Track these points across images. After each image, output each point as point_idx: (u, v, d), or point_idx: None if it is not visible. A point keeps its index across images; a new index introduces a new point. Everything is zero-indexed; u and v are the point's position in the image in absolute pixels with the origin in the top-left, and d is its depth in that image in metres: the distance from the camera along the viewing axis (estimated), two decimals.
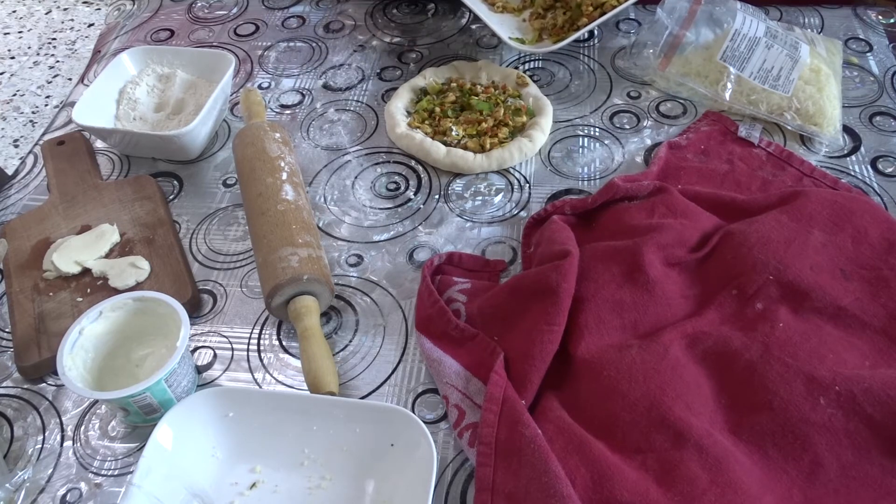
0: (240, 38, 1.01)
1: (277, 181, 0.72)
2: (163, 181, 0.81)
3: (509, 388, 0.56)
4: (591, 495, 0.51)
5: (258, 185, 0.72)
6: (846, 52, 0.88)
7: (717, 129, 0.80)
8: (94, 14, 2.68)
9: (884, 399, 0.53)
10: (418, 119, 0.82)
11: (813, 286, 0.61)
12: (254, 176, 0.73)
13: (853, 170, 0.76)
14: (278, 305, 0.64)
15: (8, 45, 2.56)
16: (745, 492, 0.50)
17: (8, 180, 0.84)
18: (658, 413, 0.54)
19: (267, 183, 0.72)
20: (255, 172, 0.73)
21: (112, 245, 0.73)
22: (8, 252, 0.73)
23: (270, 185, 0.71)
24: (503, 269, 0.70)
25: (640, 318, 0.61)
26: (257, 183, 0.72)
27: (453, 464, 0.57)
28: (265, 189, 0.71)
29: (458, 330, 0.62)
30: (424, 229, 0.74)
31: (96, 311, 0.60)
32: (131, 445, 0.60)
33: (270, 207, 0.69)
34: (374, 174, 0.80)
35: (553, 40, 0.88)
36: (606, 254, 0.65)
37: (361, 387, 0.62)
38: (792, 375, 0.55)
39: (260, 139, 0.76)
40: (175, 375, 0.57)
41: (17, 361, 0.64)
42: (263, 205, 0.70)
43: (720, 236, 0.66)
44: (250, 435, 0.57)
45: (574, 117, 0.84)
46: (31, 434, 0.61)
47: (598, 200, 0.71)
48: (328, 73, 0.94)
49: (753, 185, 0.74)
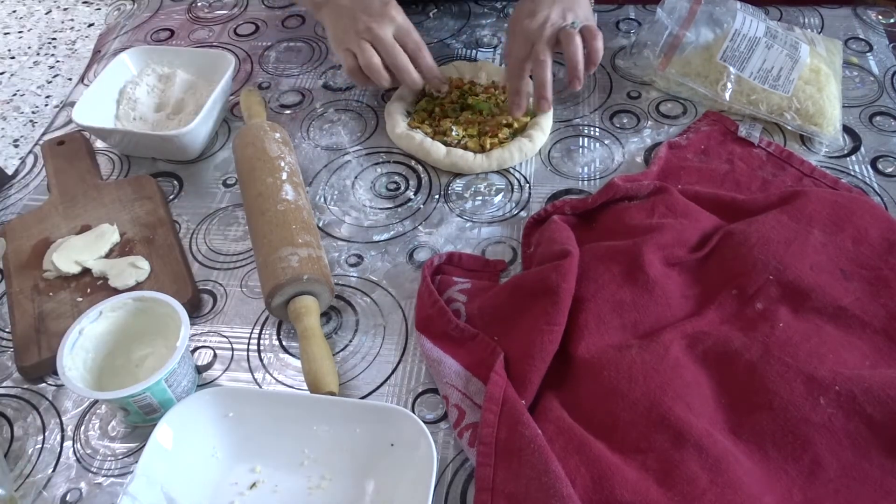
0: (240, 38, 1.01)
1: (277, 181, 0.72)
2: (163, 181, 0.81)
3: (509, 388, 0.56)
4: (591, 495, 0.51)
5: (258, 185, 0.72)
6: (846, 52, 0.88)
7: (717, 129, 0.80)
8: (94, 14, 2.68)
9: (884, 399, 0.53)
10: (418, 119, 0.82)
11: (813, 286, 0.61)
12: (254, 176, 0.73)
13: (853, 170, 0.76)
14: (278, 305, 0.64)
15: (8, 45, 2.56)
16: (745, 492, 0.50)
17: (8, 180, 0.84)
18: (658, 413, 0.54)
19: (267, 183, 0.72)
20: (255, 172, 0.73)
21: (112, 245, 0.73)
22: (8, 252, 0.73)
23: (270, 185, 0.71)
24: (503, 269, 0.70)
25: (641, 318, 0.61)
26: (257, 183, 0.72)
27: (453, 464, 0.57)
28: (265, 189, 0.71)
29: (458, 330, 0.62)
30: (424, 229, 0.74)
31: (96, 311, 0.60)
32: (131, 445, 0.60)
33: (270, 207, 0.69)
34: (374, 174, 0.80)
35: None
36: (606, 254, 0.65)
37: (361, 387, 0.62)
38: (792, 375, 0.55)
39: (260, 139, 0.76)
40: (175, 375, 0.57)
41: (17, 361, 0.64)
42: (263, 205, 0.70)
43: (720, 236, 0.66)
44: (250, 435, 0.57)
45: (574, 117, 0.84)
46: (31, 434, 0.61)
47: (598, 200, 0.71)
48: (328, 73, 0.94)
49: (753, 185, 0.74)
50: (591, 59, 0.78)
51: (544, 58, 0.77)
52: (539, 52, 0.77)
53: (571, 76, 0.78)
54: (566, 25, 0.78)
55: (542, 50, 0.77)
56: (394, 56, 0.76)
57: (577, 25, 0.78)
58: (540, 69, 0.77)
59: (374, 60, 0.76)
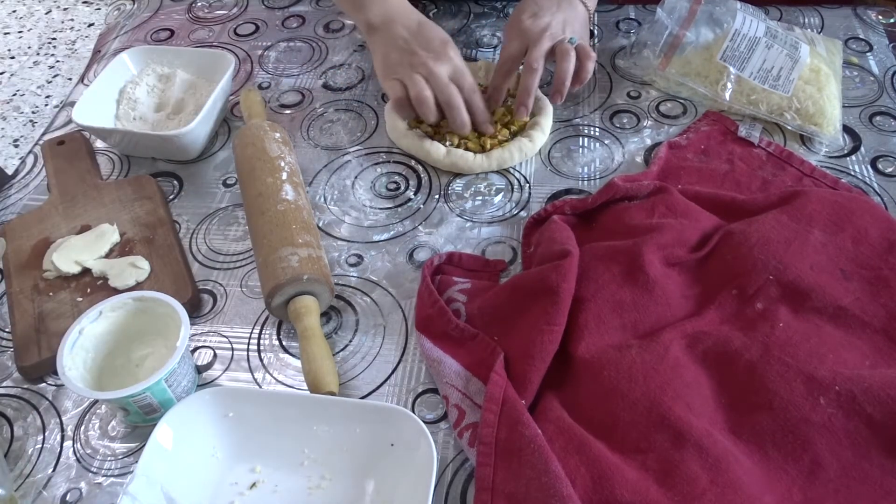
0: (240, 38, 1.01)
1: (277, 181, 0.72)
2: (163, 181, 0.81)
3: (509, 388, 0.56)
4: (591, 495, 0.51)
5: (258, 185, 0.72)
6: (846, 52, 0.88)
7: (717, 129, 0.80)
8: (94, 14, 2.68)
9: (884, 399, 0.53)
10: (418, 119, 0.82)
11: (813, 286, 0.61)
12: (254, 176, 0.73)
13: (853, 170, 0.76)
14: (278, 305, 0.64)
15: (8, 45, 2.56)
16: (745, 492, 0.50)
17: (8, 180, 0.84)
18: (658, 413, 0.54)
19: (267, 183, 0.72)
20: (255, 172, 0.73)
21: (112, 245, 0.73)
22: (8, 252, 0.73)
23: (270, 185, 0.71)
24: (503, 269, 0.70)
25: (641, 317, 0.61)
26: (257, 183, 0.72)
27: (453, 464, 0.57)
28: (265, 189, 0.71)
29: (458, 330, 0.62)
30: (424, 229, 0.74)
31: (96, 311, 0.60)
32: (131, 445, 0.60)
33: (270, 207, 0.70)
34: (374, 174, 0.80)
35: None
36: (606, 254, 0.65)
37: (361, 387, 0.62)
38: (792, 375, 0.55)
39: (260, 139, 0.76)
40: (175, 375, 0.57)
41: (17, 361, 0.64)
42: (263, 205, 0.70)
43: (720, 236, 0.66)
44: (250, 435, 0.57)
45: (574, 117, 0.84)
46: (31, 434, 0.61)
47: (598, 200, 0.71)
48: (328, 73, 0.94)
49: (753, 185, 0.74)
50: (580, 76, 0.79)
51: (537, 66, 0.77)
52: (533, 60, 0.77)
53: (555, 90, 0.79)
54: (564, 39, 0.79)
55: (537, 58, 0.77)
56: (448, 95, 0.76)
57: (574, 42, 0.79)
58: (529, 76, 0.78)
59: (426, 94, 0.75)
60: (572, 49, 0.78)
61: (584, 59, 0.79)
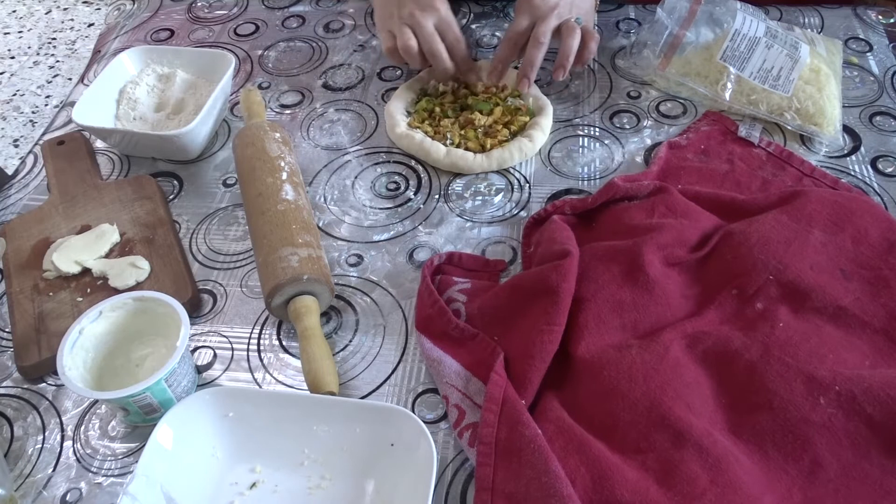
0: (240, 38, 1.01)
1: (277, 181, 0.72)
2: (163, 181, 0.81)
3: (509, 388, 0.56)
4: (591, 495, 0.51)
5: (258, 185, 0.72)
6: (846, 52, 0.88)
7: (717, 129, 0.80)
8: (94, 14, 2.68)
9: (884, 399, 0.53)
10: (418, 119, 0.82)
11: (813, 286, 0.61)
12: (254, 176, 0.73)
13: (853, 170, 0.76)
14: (278, 305, 0.64)
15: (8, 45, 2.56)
16: (745, 492, 0.50)
17: (8, 180, 0.84)
18: (658, 413, 0.54)
19: (267, 183, 0.72)
20: (255, 172, 0.73)
21: (112, 245, 0.73)
22: (8, 252, 0.73)
23: (270, 185, 0.71)
24: (503, 269, 0.70)
25: (640, 317, 0.61)
26: (257, 183, 0.72)
27: (453, 464, 0.57)
28: (265, 189, 0.71)
29: (458, 330, 0.62)
30: (424, 229, 0.74)
31: (96, 311, 0.60)
32: (131, 445, 0.60)
33: (270, 207, 0.70)
34: (374, 174, 0.80)
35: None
36: (606, 254, 0.65)
37: (361, 387, 0.62)
38: (792, 375, 0.55)
39: (260, 139, 0.76)
40: (175, 375, 0.57)
41: (17, 361, 0.64)
42: (263, 205, 0.70)
43: (720, 236, 0.66)
44: (250, 435, 0.57)
45: (574, 117, 0.84)
46: (31, 434, 0.61)
47: (598, 200, 0.71)
48: (328, 72, 0.94)
49: (753, 185, 0.74)
50: (583, 56, 0.82)
51: (543, 40, 0.80)
52: (540, 34, 0.80)
53: (558, 64, 0.81)
54: (570, 18, 0.81)
55: (544, 31, 0.80)
56: (430, 43, 0.80)
57: (580, 22, 0.81)
58: (534, 48, 0.80)
59: (411, 44, 0.79)
60: (578, 28, 0.81)
61: (588, 39, 0.81)
